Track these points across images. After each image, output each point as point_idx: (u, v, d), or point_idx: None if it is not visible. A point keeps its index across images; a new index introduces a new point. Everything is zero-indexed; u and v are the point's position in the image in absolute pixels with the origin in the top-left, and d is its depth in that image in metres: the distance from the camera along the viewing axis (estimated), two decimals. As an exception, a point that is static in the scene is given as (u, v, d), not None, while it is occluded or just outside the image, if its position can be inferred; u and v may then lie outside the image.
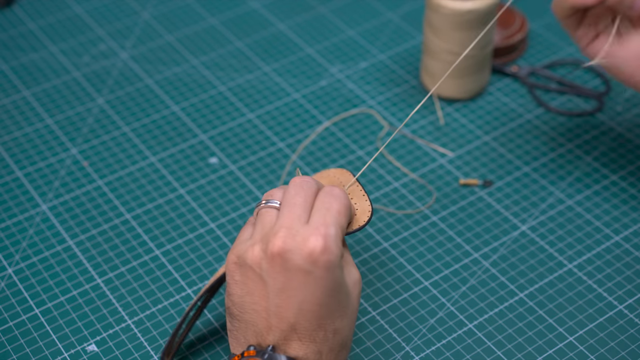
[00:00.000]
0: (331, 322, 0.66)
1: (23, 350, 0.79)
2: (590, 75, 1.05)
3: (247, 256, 0.67)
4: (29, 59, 1.09)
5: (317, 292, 0.65)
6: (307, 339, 0.66)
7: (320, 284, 0.65)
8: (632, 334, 0.80)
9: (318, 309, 0.66)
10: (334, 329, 0.67)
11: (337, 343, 0.67)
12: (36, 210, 0.91)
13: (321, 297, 0.65)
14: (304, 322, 0.66)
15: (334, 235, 0.65)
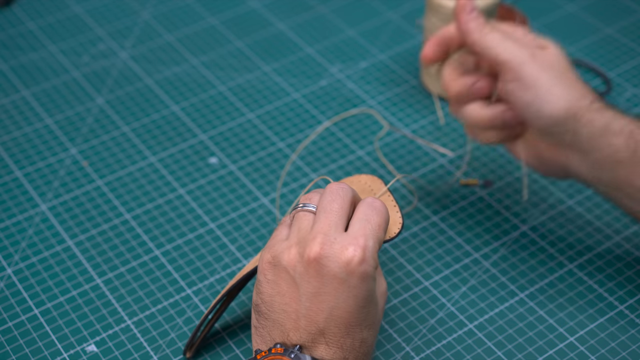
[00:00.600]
0: (359, 331, 0.67)
1: (22, 351, 0.79)
2: (590, 75, 1.05)
3: (282, 257, 0.68)
4: (29, 58, 1.09)
5: (349, 301, 0.66)
6: (335, 345, 0.66)
7: (354, 293, 0.66)
8: (633, 334, 0.80)
9: (348, 316, 0.66)
10: (362, 338, 0.67)
11: (362, 353, 0.68)
12: (35, 210, 0.91)
13: (353, 306, 0.66)
14: (333, 328, 0.66)
15: (371, 247, 0.66)
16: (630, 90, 1.03)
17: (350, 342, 0.67)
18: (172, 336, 0.80)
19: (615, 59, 1.07)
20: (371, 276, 0.66)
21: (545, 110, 0.75)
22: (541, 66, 0.75)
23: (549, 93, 0.75)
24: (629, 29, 1.11)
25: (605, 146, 0.75)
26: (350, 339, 0.67)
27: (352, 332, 0.67)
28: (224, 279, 0.85)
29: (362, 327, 0.67)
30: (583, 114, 0.74)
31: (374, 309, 0.68)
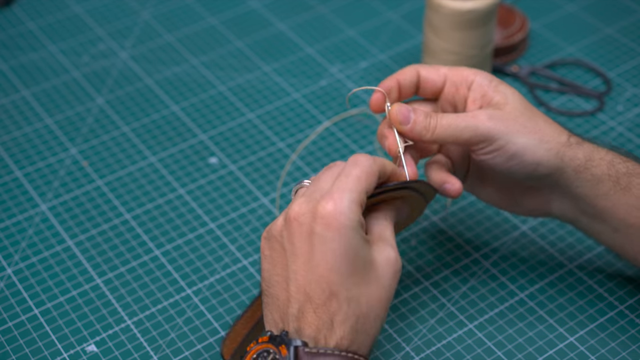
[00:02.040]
0: (344, 289, 0.65)
1: (22, 351, 0.79)
2: (590, 75, 1.05)
3: (272, 228, 0.69)
4: (29, 58, 1.09)
5: (327, 256, 0.65)
6: (322, 310, 0.65)
7: (331, 246, 0.65)
8: (633, 334, 0.80)
9: (328, 274, 0.65)
10: (348, 297, 0.65)
11: (351, 314, 0.65)
12: (35, 210, 0.91)
13: (331, 262, 0.65)
14: (316, 289, 0.65)
15: (347, 199, 0.66)
16: (630, 90, 1.03)
17: (335, 303, 0.65)
18: (172, 336, 0.80)
19: (615, 59, 1.07)
20: (349, 227, 0.65)
21: (529, 163, 0.74)
22: (512, 127, 0.73)
23: (528, 147, 0.73)
24: (629, 29, 1.11)
25: (589, 179, 0.74)
26: (335, 300, 0.65)
27: (336, 292, 0.65)
28: (224, 279, 0.85)
29: (348, 285, 0.65)
30: (565, 152, 0.74)
31: (361, 267, 0.66)
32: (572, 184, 0.75)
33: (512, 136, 0.73)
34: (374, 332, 0.67)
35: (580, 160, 0.74)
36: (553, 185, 0.76)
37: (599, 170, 0.74)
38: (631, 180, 0.74)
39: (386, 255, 0.68)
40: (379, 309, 0.67)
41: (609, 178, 0.74)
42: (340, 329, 0.65)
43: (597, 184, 0.74)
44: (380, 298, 0.67)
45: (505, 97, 0.74)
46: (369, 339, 0.67)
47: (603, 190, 0.74)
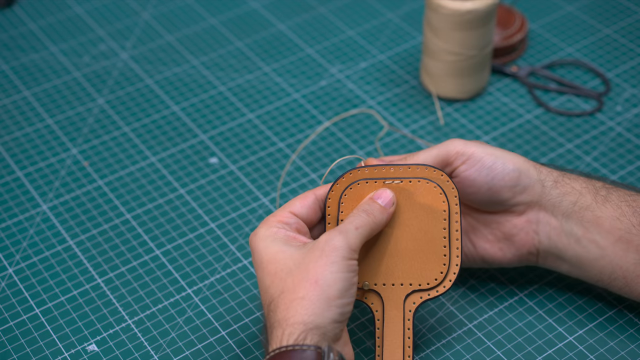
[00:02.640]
0: (264, 294, 0.72)
1: (23, 350, 0.80)
2: (589, 76, 1.05)
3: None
4: (30, 59, 1.09)
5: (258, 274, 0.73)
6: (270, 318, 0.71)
7: (256, 264, 0.73)
8: (632, 333, 0.80)
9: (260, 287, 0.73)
10: (265, 302, 0.71)
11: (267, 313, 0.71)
12: (36, 210, 0.91)
13: (259, 277, 0.72)
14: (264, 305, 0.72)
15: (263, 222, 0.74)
16: (629, 90, 1.03)
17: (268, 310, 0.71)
18: (172, 336, 0.80)
19: (614, 60, 1.07)
20: (260, 241, 0.72)
21: (510, 170, 0.77)
22: (486, 147, 0.78)
23: (504, 155, 0.77)
24: (627, 29, 1.11)
25: (569, 192, 0.77)
26: (269, 309, 0.71)
27: (270, 301, 0.71)
28: (224, 279, 0.85)
29: (266, 293, 0.71)
30: (540, 168, 0.78)
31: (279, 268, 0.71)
32: (554, 200, 0.77)
33: (487, 149, 0.77)
34: (301, 317, 0.68)
35: (556, 175, 0.78)
36: (537, 203, 0.77)
37: (577, 184, 0.77)
38: (609, 191, 0.77)
39: (317, 241, 0.71)
40: (294, 292, 0.69)
41: (587, 191, 0.77)
42: (272, 328, 0.69)
43: (578, 196, 0.77)
44: (295, 281, 0.69)
45: (475, 153, 0.78)
46: (298, 324, 0.67)
47: (585, 203, 0.76)
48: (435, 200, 0.75)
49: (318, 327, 0.67)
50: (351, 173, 0.76)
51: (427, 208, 0.75)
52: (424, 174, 0.76)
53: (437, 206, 0.75)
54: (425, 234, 0.75)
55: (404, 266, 0.75)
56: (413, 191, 0.75)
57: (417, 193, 0.75)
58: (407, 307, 0.75)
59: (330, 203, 0.75)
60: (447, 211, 0.75)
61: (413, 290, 0.75)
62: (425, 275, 0.75)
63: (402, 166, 0.76)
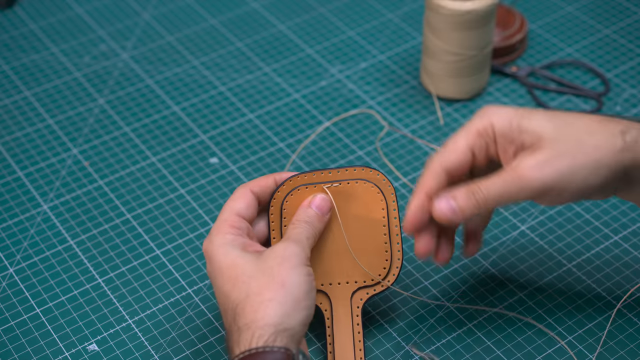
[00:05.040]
0: (223, 300, 0.71)
1: (24, 350, 0.80)
2: (589, 76, 1.05)
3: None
4: (30, 59, 1.09)
5: (214, 282, 0.73)
6: (232, 327, 0.70)
7: (210, 274, 0.73)
8: (631, 333, 0.80)
9: (219, 298, 0.72)
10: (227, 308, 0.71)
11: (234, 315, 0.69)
12: (37, 210, 0.92)
13: (215, 285, 0.72)
14: (224, 315, 0.71)
15: (214, 227, 0.73)
16: (628, 90, 1.03)
17: (229, 317, 0.71)
18: (172, 335, 0.81)
19: (613, 60, 1.07)
20: (214, 250, 0.72)
21: (595, 186, 0.67)
22: (562, 165, 0.66)
23: (588, 178, 0.66)
24: (627, 30, 1.12)
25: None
26: (227, 315, 0.71)
27: (225, 309, 0.71)
28: (225, 279, 0.85)
29: (225, 297, 0.71)
30: (625, 157, 0.66)
31: (235, 272, 0.71)
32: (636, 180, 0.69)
33: (568, 176, 0.66)
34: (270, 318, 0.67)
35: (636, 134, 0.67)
36: (632, 180, 0.69)
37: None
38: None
39: (272, 249, 0.71)
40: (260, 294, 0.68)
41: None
42: (230, 333, 0.69)
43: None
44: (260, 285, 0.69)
45: (536, 134, 0.67)
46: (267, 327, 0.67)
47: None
48: (373, 199, 0.78)
49: (287, 329, 0.67)
50: (291, 180, 0.78)
51: (366, 208, 0.78)
52: (361, 175, 0.78)
53: (376, 205, 0.78)
54: (366, 233, 0.78)
55: (348, 265, 0.78)
56: (352, 192, 0.78)
57: (356, 194, 0.78)
58: (355, 303, 0.78)
59: (273, 210, 0.77)
60: (385, 209, 0.78)
61: (358, 287, 0.78)
62: (370, 271, 0.78)
63: (340, 169, 0.78)
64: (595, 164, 0.66)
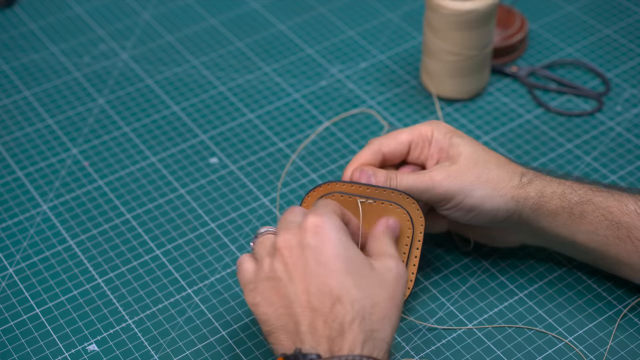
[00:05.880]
0: (345, 291, 0.67)
1: (24, 350, 0.80)
2: (589, 76, 1.05)
3: (250, 275, 0.71)
4: (30, 59, 1.09)
5: (322, 260, 0.68)
6: (330, 317, 0.66)
7: (323, 250, 0.68)
8: (632, 333, 0.80)
9: (328, 279, 0.67)
10: (351, 299, 0.67)
11: (356, 314, 0.66)
12: (37, 210, 0.91)
13: (328, 264, 0.68)
14: (320, 298, 0.67)
15: (326, 212, 0.70)
16: (628, 90, 1.03)
17: (341, 308, 0.68)
18: (172, 335, 0.81)
19: (613, 60, 1.07)
20: (335, 230, 0.70)
21: (487, 212, 0.78)
22: (467, 181, 0.77)
23: (484, 198, 0.77)
24: (627, 29, 1.12)
25: (545, 214, 0.78)
26: (340, 305, 0.68)
27: (340, 296, 0.68)
28: (224, 279, 0.85)
29: (348, 287, 0.68)
30: (519, 194, 0.78)
31: (358, 265, 0.69)
32: (531, 221, 0.79)
33: (468, 191, 0.77)
34: (385, 334, 0.67)
35: (534, 199, 0.78)
36: (516, 223, 0.79)
37: (552, 204, 0.78)
38: (584, 208, 0.78)
39: (385, 263, 0.70)
40: (385, 309, 0.68)
41: (563, 210, 0.78)
42: (350, 332, 0.66)
43: (553, 217, 0.78)
44: (384, 298, 0.68)
45: (459, 150, 0.78)
46: (381, 341, 0.67)
47: (560, 222, 0.78)
48: (402, 226, 0.78)
49: (388, 344, 0.68)
50: (329, 184, 0.78)
51: None
52: (397, 199, 0.78)
53: (402, 231, 0.78)
54: None
55: None
56: (382, 212, 0.78)
57: (386, 215, 0.78)
58: None
59: (304, 207, 0.77)
60: (410, 237, 0.78)
61: None
62: None
63: (379, 188, 0.78)
64: (492, 191, 0.77)
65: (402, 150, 0.80)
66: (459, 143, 0.79)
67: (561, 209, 0.78)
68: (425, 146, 0.80)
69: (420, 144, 0.80)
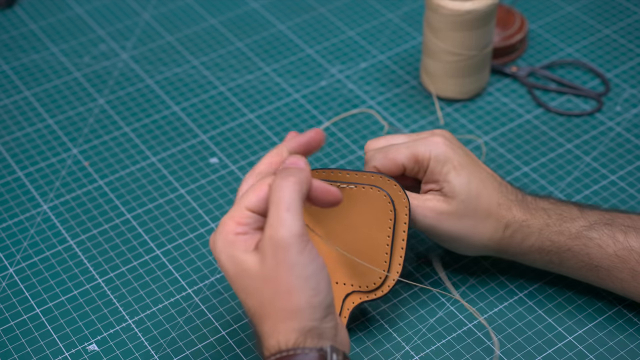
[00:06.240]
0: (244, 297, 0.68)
1: (24, 350, 0.80)
2: (589, 76, 1.05)
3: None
4: (30, 59, 1.09)
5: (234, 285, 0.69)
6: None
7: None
8: (631, 333, 0.80)
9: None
10: (249, 308, 0.68)
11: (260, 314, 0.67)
12: (37, 210, 0.92)
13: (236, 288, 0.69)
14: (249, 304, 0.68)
15: (217, 231, 0.68)
16: (628, 91, 1.03)
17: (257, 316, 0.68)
18: (172, 335, 0.81)
19: (613, 60, 1.07)
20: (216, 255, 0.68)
21: (471, 248, 0.81)
22: (456, 226, 0.79)
23: (466, 246, 0.80)
24: (627, 30, 1.12)
25: (524, 259, 0.81)
26: (254, 316, 0.68)
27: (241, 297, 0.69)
28: (224, 279, 0.85)
29: (242, 296, 0.68)
30: (500, 244, 0.80)
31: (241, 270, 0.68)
32: (514, 259, 0.82)
33: (454, 237, 0.80)
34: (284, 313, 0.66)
35: (515, 249, 0.80)
36: (501, 244, 0.81)
37: (531, 256, 0.80)
38: (562, 257, 0.79)
39: (263, 246, 0.66)
40: (272, 301, 0.66)
41: (541, 259, 0.80)
42: (265, 336, 0.67)
43: (532, 262, 0.81)
44: (269, 295, 0.66)
45: (453, 191, 0.79)
46: (283, 325, 0.66)
47: (540, 265, 0.81)
48: (383, 209, 0.77)
49: (312, 329, 0.66)
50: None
51: (374, 215, 0.77)
52: (378, 182, 0.78)
53: (385, 215, 0.77)
54: (370, 240, 0.78)
55: (347, 267, 0.78)
56: (364, 197, 0.77)
57: (368, 200, 0.77)
58: (346, 305, 0.78)
59: None
60: (392, 220, 0.77)
61: (353, 291, 0.78)
62: (365, 278, 0.78)
63: (359, 172, 0.78)
64: (477, 240, 0.80)
65: (397, 171, 0.81)
66: (454, 181, 0.79)
67: (540, 258, 0.80)
68: (421, 171, 0.80)
69: (416, 169, 0.80)
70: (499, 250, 0.81)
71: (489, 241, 0.80)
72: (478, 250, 0.81)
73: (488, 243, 0.80)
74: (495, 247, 0.80)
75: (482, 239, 0.80)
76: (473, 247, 0.81)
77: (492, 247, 0.80)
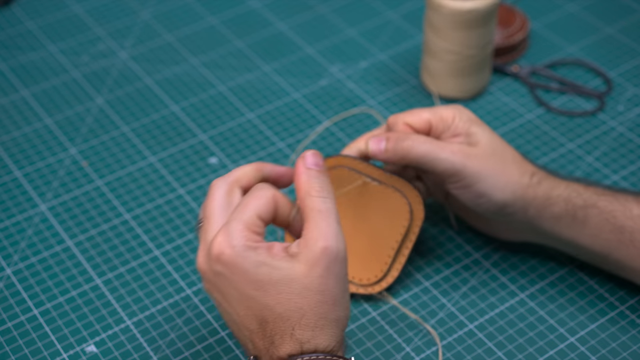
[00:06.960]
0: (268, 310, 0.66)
1: (22, 351, 0.79)
2: (591, 75, 1.05)
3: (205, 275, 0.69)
4: (28, 58, 1.09)
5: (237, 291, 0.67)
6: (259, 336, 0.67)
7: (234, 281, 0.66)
8: (634, 334, 0.80)
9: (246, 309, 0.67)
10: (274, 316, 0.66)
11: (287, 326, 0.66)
12: (35, 210, 0.91)
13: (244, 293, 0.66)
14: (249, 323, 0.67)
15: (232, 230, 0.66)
16: (630, 90, 1.03)
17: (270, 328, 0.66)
18: (172, 336, 0.80)
19: (615, 59, 1.07)
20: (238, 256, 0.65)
21: (496, 202, 0.78)
22: (484, 167, 0.78)
23: (496, 188, 0.78)
24: (629, 28, 1.11)
25: (548, 217, 0.79)
26: (268, 325, 0.66)
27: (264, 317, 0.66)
28: (224, 279, 0.84)
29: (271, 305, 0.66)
30: (527, 192, 0.78)
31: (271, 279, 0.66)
32: (535, 221, 0.80)
33: (482, 176, 0.78)
34: (327, 332, 0.66)
35: (540, 200, 0.79)
36: (520, 220, 0.80)
37: (557, 208, 0.79)
38: (587, 212, 0.78)
39: (307, 256, 0.66)
40: (316, 314, 0.66)
41: (566, 214, 0.79)
42: (282, 345, 0.66)
43: (557, 220, 0.79)
44: (310, 305, 0.66)
45: (477, 138, 0.79)
46: (322, 333, 0.66)
47: (564, 225, 0.79)
48: (400, 214, 0.79)
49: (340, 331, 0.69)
50: (339, 158, 0.79)
51: (390, 217, 0.79)
52: (402, 186, 0.79)
53: (399, 220, 0.79)
54: (379, 237, 0.79)
55: (349, 257, 0.76)
56: (385, 197, 0.79)
57: (388, 201, 0.79)
58: None
59: None
60: (406, 227, 0.79)
61: (350, 281, 0.79)
62: (364, 272, 0.79)
63: (387, 172, 0.79)
64: (504, 184, 0.78)
65: (422, 127, 0.80)
66: (477, 132, 0.79)
67: (565, 212, 0.78)
68: (445, 130, 0.80)
69: (440, 127, 0.80)
70: (525, 201, 0.78)
71: (516, 184, 0.78)
72: (506, 200, 0.78)
73: (515, 187, 0.78)
74: (523, 195, 0.78)
75: (510, 181, 0.78)
76: (501, 194, 0.78)
77: (519, 194, 0.78)
